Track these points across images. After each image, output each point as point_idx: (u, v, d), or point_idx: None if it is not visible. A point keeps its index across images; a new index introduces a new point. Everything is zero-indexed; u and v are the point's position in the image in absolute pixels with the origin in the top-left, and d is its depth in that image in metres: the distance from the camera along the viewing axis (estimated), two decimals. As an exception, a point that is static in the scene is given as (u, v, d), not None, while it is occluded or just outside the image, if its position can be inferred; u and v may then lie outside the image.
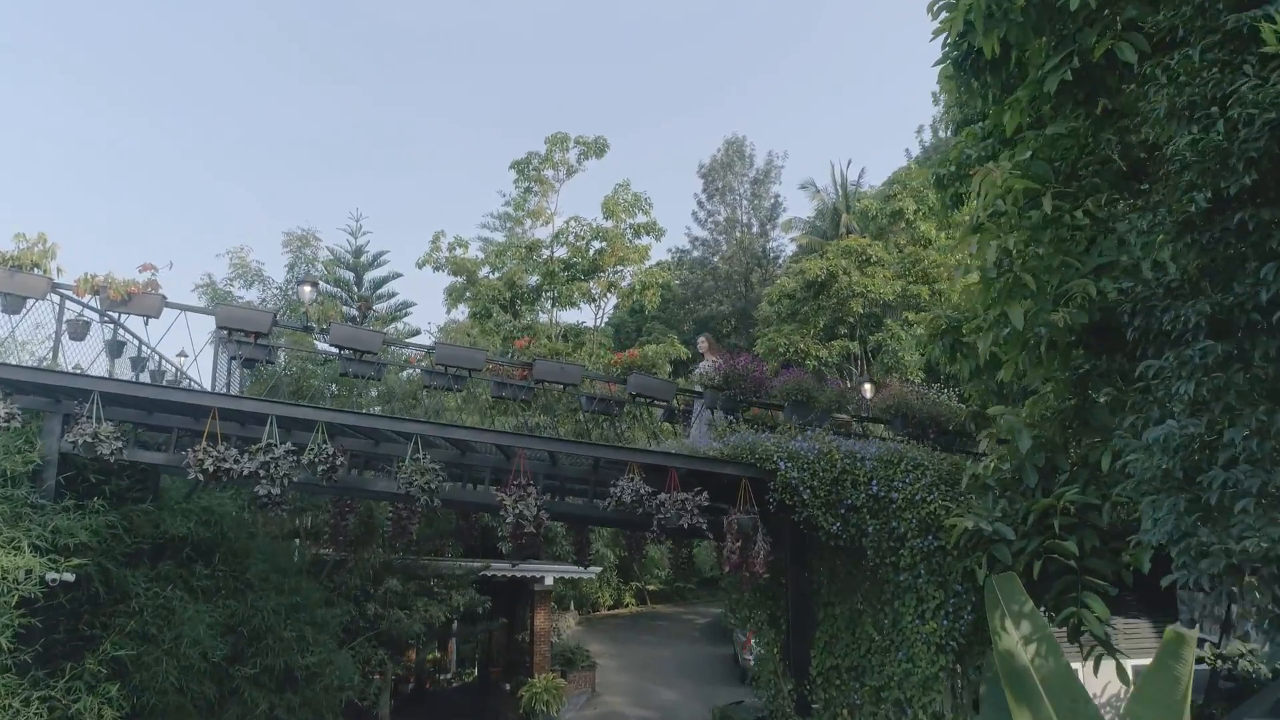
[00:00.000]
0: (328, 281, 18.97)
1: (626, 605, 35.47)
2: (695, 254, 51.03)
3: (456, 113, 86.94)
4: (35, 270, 9.17)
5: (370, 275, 19.36)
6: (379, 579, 16.07)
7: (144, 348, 12.86)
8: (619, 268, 28.11)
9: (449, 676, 26.43)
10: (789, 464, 8.50)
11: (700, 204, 51.85)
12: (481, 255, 27.67)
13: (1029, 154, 8.36)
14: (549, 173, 27.17)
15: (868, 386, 12.08)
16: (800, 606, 9.51)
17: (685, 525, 8.21)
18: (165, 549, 11.19)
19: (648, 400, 10.99)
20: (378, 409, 14.41)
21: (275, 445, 7.93)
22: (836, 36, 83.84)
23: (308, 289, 10.21)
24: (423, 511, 8.58)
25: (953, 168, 14.81)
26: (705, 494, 8.45)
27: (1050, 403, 8.79)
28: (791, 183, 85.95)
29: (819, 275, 29.75)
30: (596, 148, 27.14)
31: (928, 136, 50.34)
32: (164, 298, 9.73)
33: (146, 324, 10.02)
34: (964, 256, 6.90)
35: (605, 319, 29.55)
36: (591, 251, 27.84)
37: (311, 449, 8.00)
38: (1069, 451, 8.75)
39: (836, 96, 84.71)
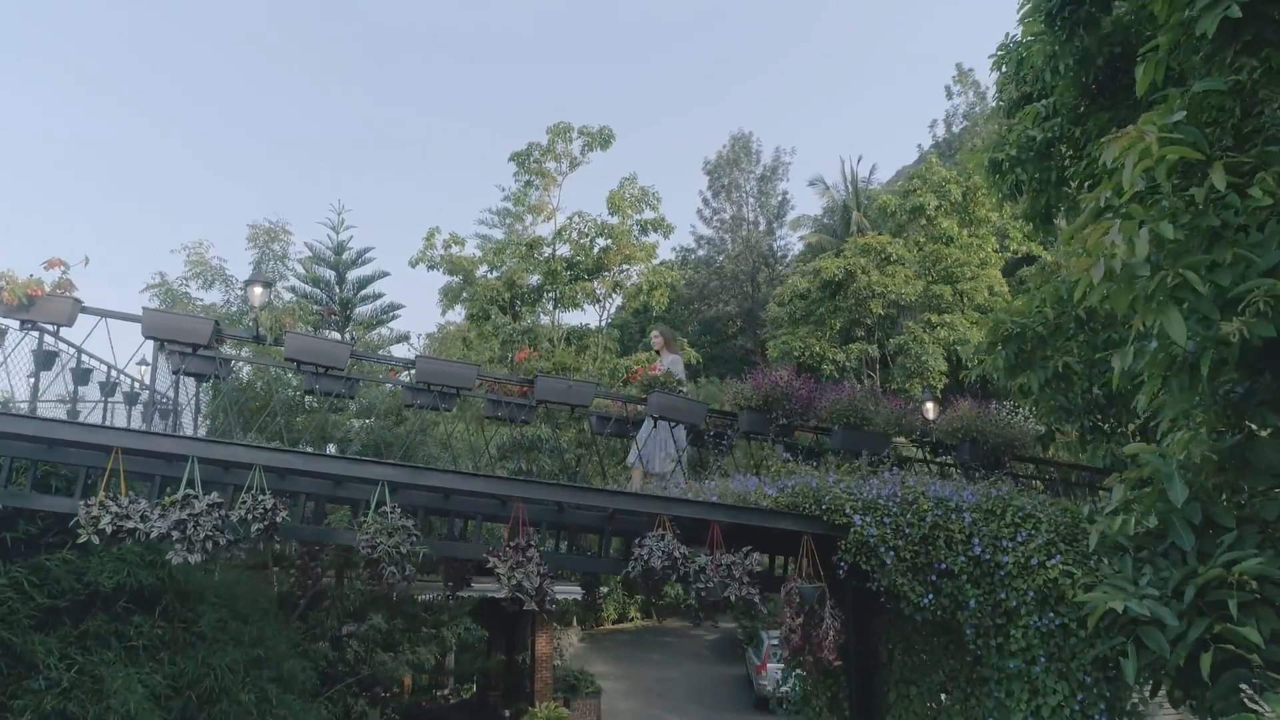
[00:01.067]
0: (306, 281, 17.00)
1: (632, 620, 33.46)
2: (700, 252, 49.02)
3: (456, 112, 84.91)
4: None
5: (354, 274, 17.48)
6: (361, 614, 14.09)
7: (89, 359, 10.86)
8: (625, 267, 26.07)
9: (446, 692, 24.50)
10: (866, 517, 6.49)
11: (706, 201, 49.84)
12: (479, 253, 25.62)
13: (1179, 114, 6.39)
14: (551, 165, 25.11)
15: (930, 406, 10.06)
16: (866, 687, 7.51)
17: (732, 598, 6.23)
18: (92, 603, 9.22)
19: (672, 424, 9.00)
20: (356, 423, 12.42)
21: (195, 497, 5.92)
22: (838, 32, 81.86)
23: (258, 290, 8.20)
24: (396, 572, 6.58)
25: (1012, 151, 12.73)
26: (755, 554, 6.44)
27: (1203, 439, 6.84)
28: (799, 179, 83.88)
29: (836, 274, 27.75)
30: (601, 139, 25.08)
31: (941, 131, 48.38)
32: (77, 301, 7.73)
33: (58, 329, 8.00)
34: (1091, 245, 4.95)
35: (608, 320, 27.48)
36: (595, 249, 25.79)
37: (244, 500, 5.99)
38: (1225, 501, 6.82)
39: (837, 94, 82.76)
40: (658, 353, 10.48)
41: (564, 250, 26.01)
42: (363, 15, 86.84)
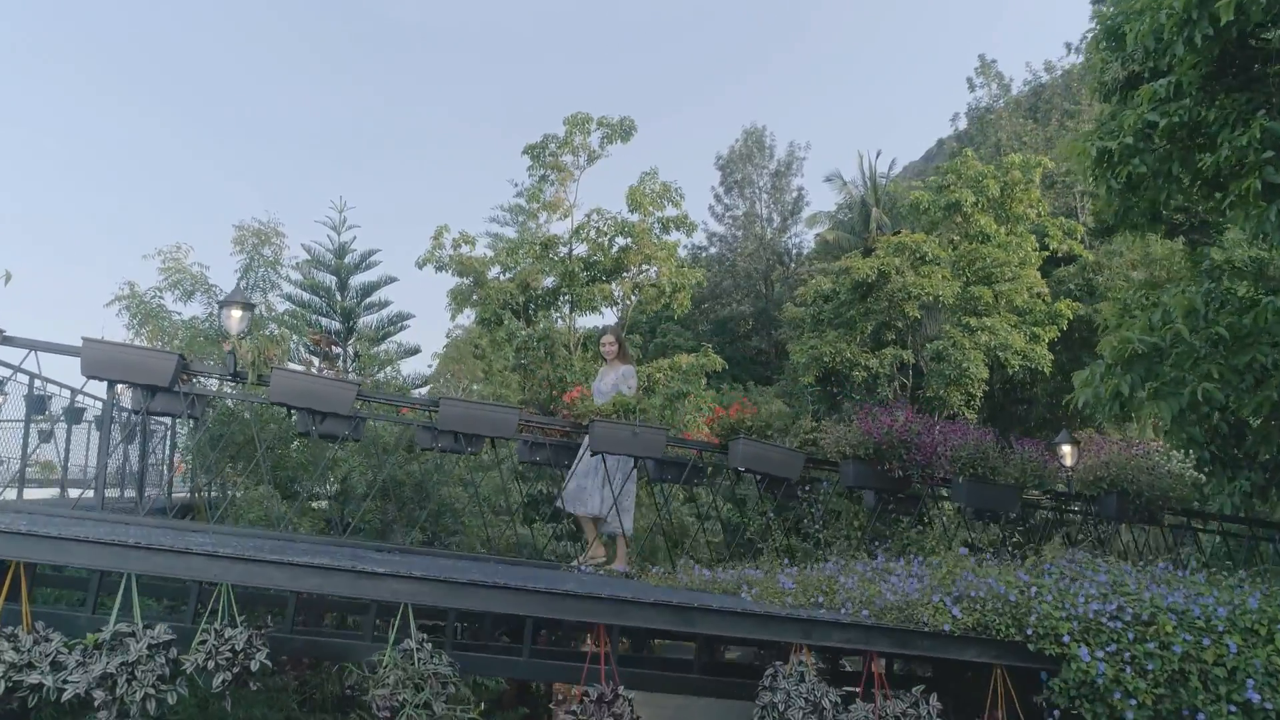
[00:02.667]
0: (303, 288, 14.93)
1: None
2: (712, 250, 47.02)
3: (461, 110, 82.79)
4: None
5: (357, 279, 15.43)
6: None
7: (41, 384, 8.88)
8: (645, 267, 24.04)
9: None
10: (1092, 646, 4.53)
11: (718, 198, 47.82)
12: (490, 253, 23.53)
13: None
14: (567, 159, 23.02)
15: (1067, 450, 8.08)
16: None
17: (904, 767, 4.28)
18: None
19: (761, 477, 7.03)
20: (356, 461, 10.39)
21: (131, 635, 3.95)
22: (841, 26, 79.80)
23: (236, 314, 6.18)
24: None
25: (1128, 139, 10.67)
26: (934, 699, 4.49)
27: None
28: (814, 175, 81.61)
29: (869, 275, 25.70)
30: (621, 130, 22.99)
31: (963, 124, 46.37)
32: (-6, 332, 5.76)
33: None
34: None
35: (627, 325, 25.44)
36: (614, 249, 23.75)
37: (203, 639, 4.02)
38: None
39: (840, 90, 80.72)
40: (605, 360, 7.94)
41: (580, 249, 23.99)
42: (369, 13, 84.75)
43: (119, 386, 6.26)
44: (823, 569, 5.91)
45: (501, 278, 22.98)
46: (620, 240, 23.54)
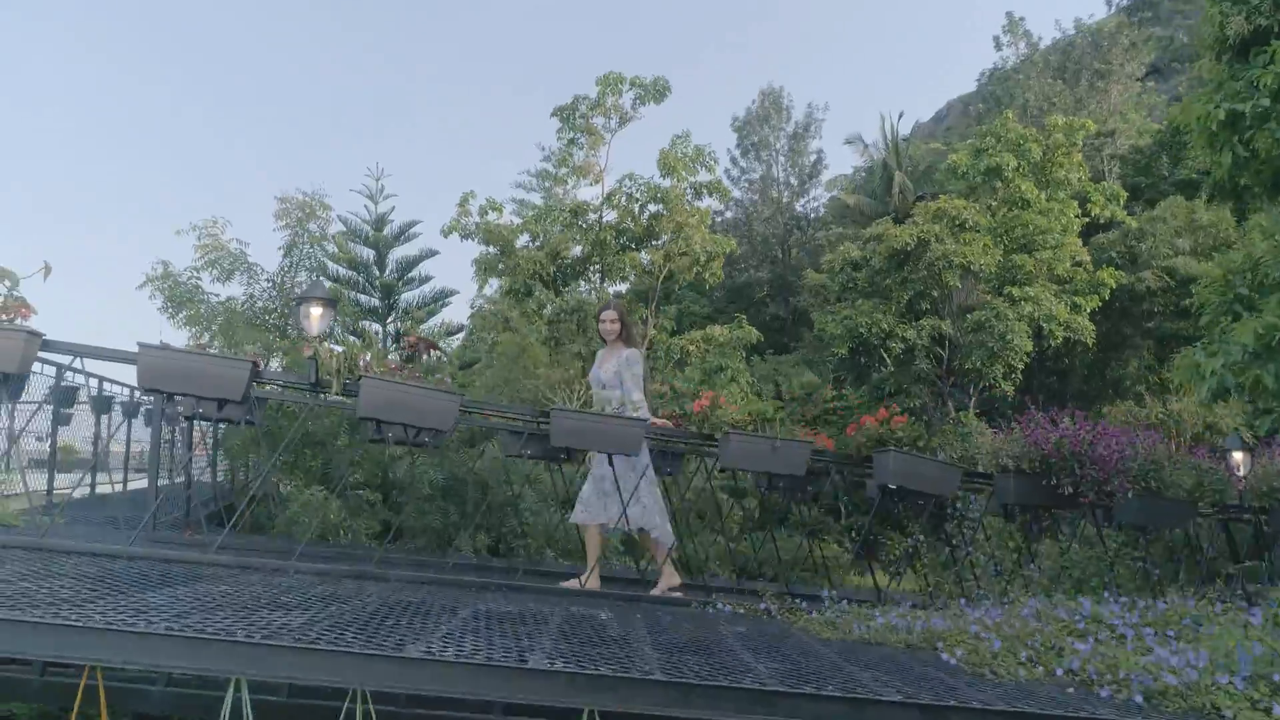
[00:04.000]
0: (339, 262, 13.76)
1: None
2: (729, 215, 45.71)
3: (480, 74, 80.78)
4: None
5: (397, 254, 14.25)
6: None
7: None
8: (677, 235, 22.92)
9: None
10: None
11: (734, 161, 46.37)
12: (518, 220, 22.37)
13: None
14: (598, 120, 21.81)
15: (1239, 457, 7.09)
16: None
17: None
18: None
19: (910, 498, 6.03)
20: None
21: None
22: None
23: (316, 312, 5.12)
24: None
25: (1264, 101, 9.60)
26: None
27: None
28: (833, 138, 79.71)
29: (908, 243, 24.58)
30: (655, 91, 21.74)
31: (986, 84, 44.92)
32: (33, 335, 4.72)
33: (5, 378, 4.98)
34: None
35: (655, 296, 24.35)
36: (645, 215, 22.63)
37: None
38: None
39: (852, 46, 78.78)
40: (604, 341, 6.41)
41: (610, 216, 22.86)
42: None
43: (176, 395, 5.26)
44: (1021, 613, 4.95)
45: (529, 246, 21.88)
46: (652, 206, 22.43)
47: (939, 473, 5.99)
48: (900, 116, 45.90)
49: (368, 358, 5.09)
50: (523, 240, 21.67)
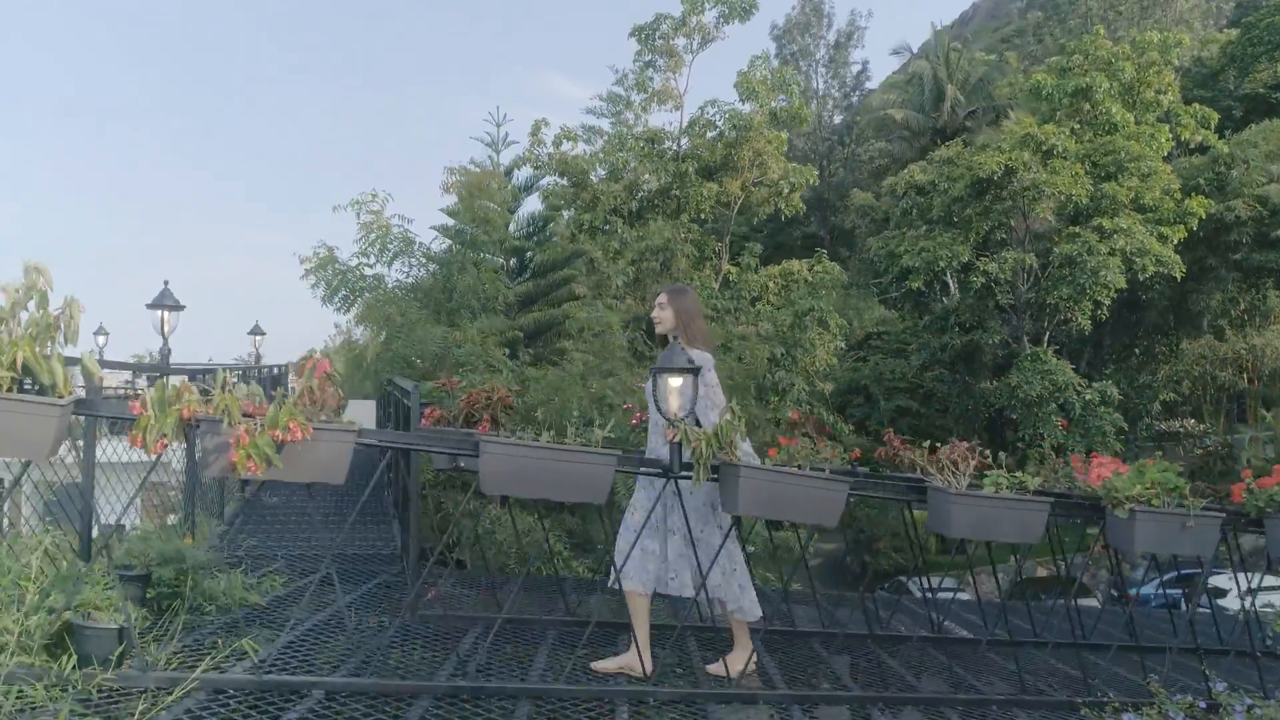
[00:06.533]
0: (458, 218, 12.19)
1: None
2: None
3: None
4: None
5: (525, 210, 12.71)
6: None
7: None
8: (755, 163, 21.39)
9: None
10: None
11: (751, 62, 44.11)
12: (589, 148, 20.74)
13: None
14: (680, 41, 19.99)
15: None
16: None
17: None
18: None
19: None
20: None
21: None
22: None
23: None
24: None
25: None
26: None
27: None
28: (876, 48, 75.93)
29: (994, 171, 23.00)
30: (740, 8, 19.88)
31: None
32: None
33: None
34: None
35: (729, 231, 22.92)
36: (722, 144, 21.05)
37: None
38: None
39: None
40: (663, 338, 4.22)
41: (684, 144, 21.27)
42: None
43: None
44: None
45: (604, 178, 20.33)
46: (730, 134, 20.84)
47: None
48: (951, 25, 43.43)
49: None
50: (598, 172, 20.12)
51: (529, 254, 13.09)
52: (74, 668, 3.25)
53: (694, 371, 3.85)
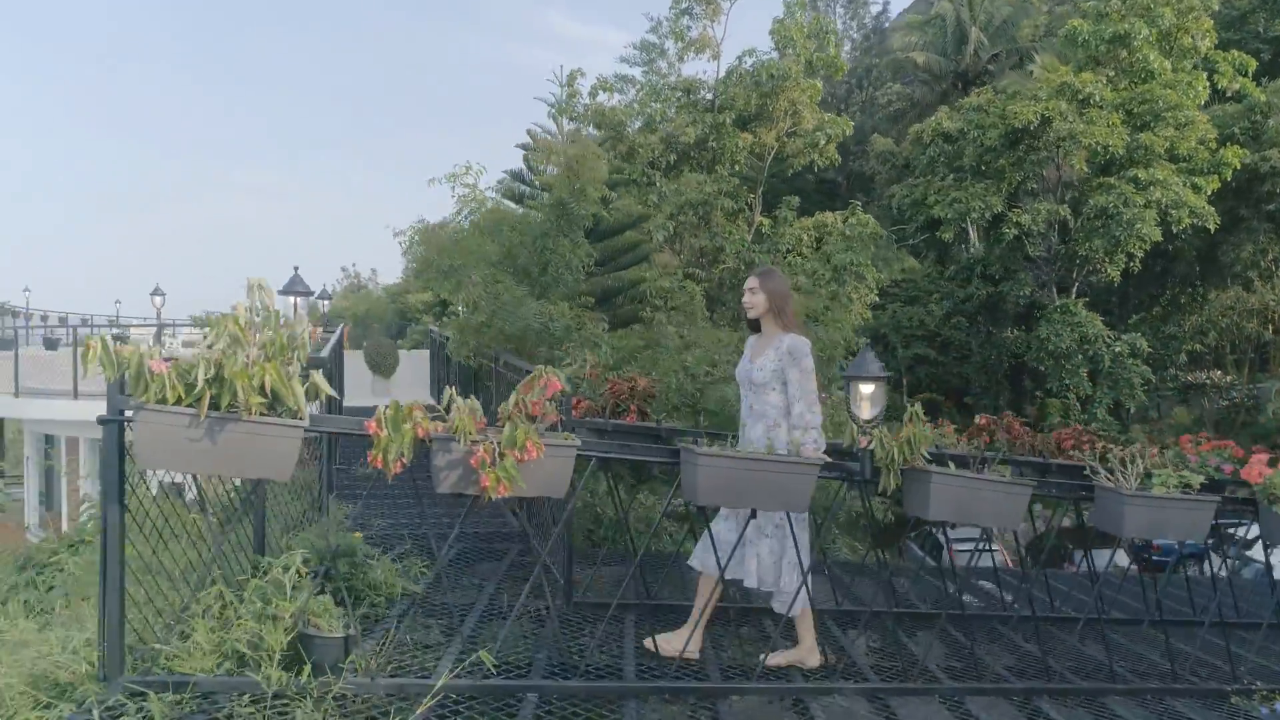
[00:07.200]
0: (524, 181, 11.75)
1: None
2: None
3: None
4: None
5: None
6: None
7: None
8: (790, 113, 21.08)
9: None
10: None
11: (789, 10, 43.15)
12: (623, 98, 20.41)
13: None
14: (720, -12, 19.53)
15: None
16: None
17: None
18: None
19: None
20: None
21: None
22: None
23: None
24: None
25: None
26: None
27: None
28: None
29: (1030, 120, 22.67)
30: (783, -51, 19.39)
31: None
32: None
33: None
34: None
35: (762, 183, 22.67)
36: (757, 94, 20.70)
37: None
38: None
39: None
40: (754, 322, 4.22)
41: (719, 95, 20.92)
42: None
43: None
44: None
45: (640, 129, 20.05)
46: (767, 83, 20.49)
47: None
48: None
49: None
50: (635, 124, 19.83)
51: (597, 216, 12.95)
52: (309, 678, 3.32)
53: (859, 379, 3.89)
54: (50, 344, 14.88)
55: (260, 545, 4.48)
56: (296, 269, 6.26)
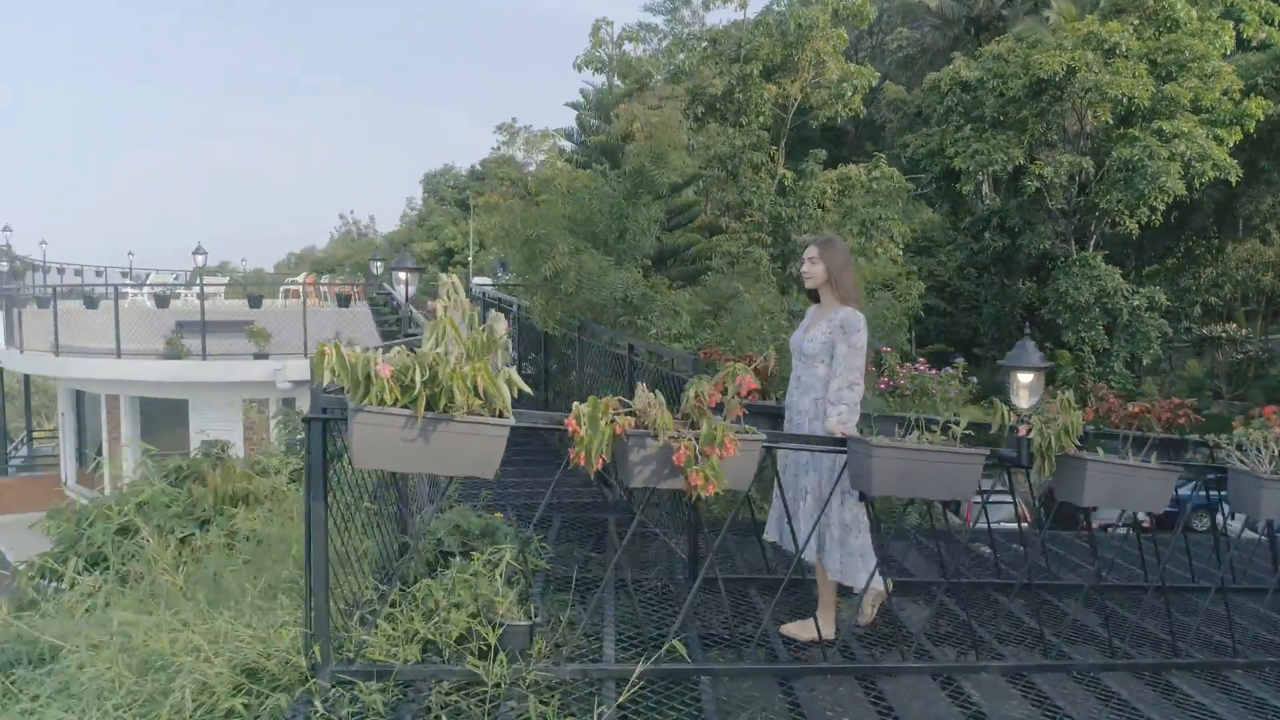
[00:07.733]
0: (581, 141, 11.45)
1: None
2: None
3: None
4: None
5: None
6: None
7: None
8: (815, 63, 20.78)
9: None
10: None
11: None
12: (646, 50, 20.07)
13: None
14: (749, -66, 19.07)
15: None
16: None
17: None
18: None
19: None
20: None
21: None
22: None
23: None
24: None
25: None
26: None
27: None
28: None
29: (1056, 71, 22.37)
30: (811, -103, 18.91)
31: None
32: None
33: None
34: None
35: (785, 135, 22.41)
36: (783, 44, 20.37)
37: None
38: None
39: None
40: (813, 292, 4.18)
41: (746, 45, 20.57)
42: None
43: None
44: None
45: (664, 80, 19.75)
46: (794, 32, 20.15)
47: None
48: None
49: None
50: (659, 76, 19.52)
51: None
52: (503, 664, 3.38)
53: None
54: (91, 302, 14.79)
55: (403, 526, 4.53)
56: (405, 246, 6.19)
